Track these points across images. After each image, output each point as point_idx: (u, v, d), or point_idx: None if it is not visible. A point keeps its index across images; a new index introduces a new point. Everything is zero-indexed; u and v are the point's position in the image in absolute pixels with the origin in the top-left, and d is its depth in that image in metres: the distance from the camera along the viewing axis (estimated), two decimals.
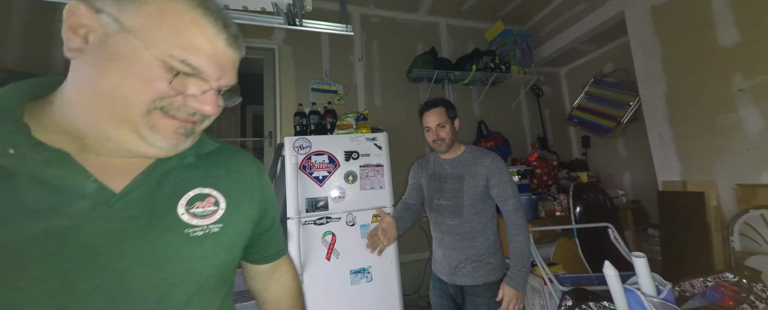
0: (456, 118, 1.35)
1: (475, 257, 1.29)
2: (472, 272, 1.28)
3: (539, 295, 1.90)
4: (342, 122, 2.25)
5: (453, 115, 1.34)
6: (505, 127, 3.35)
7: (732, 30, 1.83)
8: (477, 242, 1.30)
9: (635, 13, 2.37)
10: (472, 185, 1.29)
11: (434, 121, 1.32)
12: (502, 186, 1.26)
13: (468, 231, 1.31)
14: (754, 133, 1.77)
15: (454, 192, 1.33)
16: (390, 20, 3.23)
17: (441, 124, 1.31)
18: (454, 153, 1.37)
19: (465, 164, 1.33)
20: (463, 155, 1.36)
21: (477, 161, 1.31)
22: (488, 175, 1.27)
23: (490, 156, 1.31)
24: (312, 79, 2.89)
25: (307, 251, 1.84)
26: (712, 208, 1.89)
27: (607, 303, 1.22)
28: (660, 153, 2.24)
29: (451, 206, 1.33)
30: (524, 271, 1.20)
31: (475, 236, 1.30)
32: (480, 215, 1.31)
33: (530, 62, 3.23)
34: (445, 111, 1.32)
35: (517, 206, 1.26)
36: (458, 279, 1.31)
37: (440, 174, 1.40)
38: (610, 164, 3.37)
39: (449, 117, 1.32)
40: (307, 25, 1.42)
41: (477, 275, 1.27)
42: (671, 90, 2.16)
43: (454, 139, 1.34)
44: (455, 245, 1.32)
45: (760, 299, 1.21)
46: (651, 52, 2.26)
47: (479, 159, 1.31)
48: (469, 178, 1.30)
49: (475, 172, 1.29)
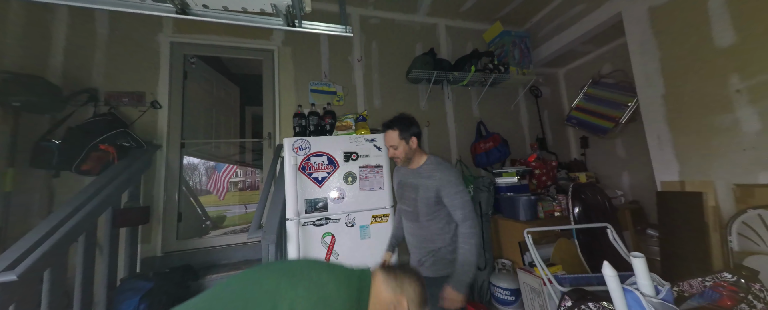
0: (412, 137, 1.44)
1: (434, 253, 1.41)
2: (432, 265, 1.40)
3: (539, 295, 1.90)
4: (341, 123, 2.26)
5: (407, 135, 1.43)
6: (504, 127, 3.36)
7: (729, 31, 1.84)
8: (435, 244, 1.41)
9: (633, 15, 2.39)
10: (423, 196, 1.41)
11: (388, 143, 1.47)
12: (450, 198, 1.35)
13: (425, 234, 1.44)
14: (751, 133, 1.77)
15: (412, 200, 1.46)
16: (389, 21, 3.24)
17: (394, 146, 1.44)
18: (416, 164, 1.49)
19: (421, 176, 1.44)
20: (423, 166, 1.46)
21: (430, 174, 1.41)
22: (437, 188, 1.37)
23: (441, 171, 1.40)
24: (311, 80, 2.89)
25: (307, 252, 1.84)
26: (710, 208, 1.90)
27: (606, 303, 1.22)
28: (658, 153, 2.25)
29: (411, 211, 1.48)
30: (466, 275, 1.29)
31: (433, 239, 1.42)
32: (436, 221, 1.41)
33: (529, 63, 3.24)
34: (397, 134, 1.42)
35: (466, 216, 1.34)
36: (422, 271, 1.42)
37: (404, 182, 1.54)
38: (609, 164, 3.38)
39: (403, 138, 1.43)
40: (306, 27, 1.42)
41: (436, 268, 1.40)
42: (669, 91, 2.17)
43: (410, 155, 1.46)
44: (416, 243, 1.49)
45: (758, 298, 1.22)
46: (649, 53, 2.27)
47: (432, 173, 1.41)
48: (422, 189, 1.41)
49: (427, 184, 1.40)
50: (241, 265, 2.36)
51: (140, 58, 2.50)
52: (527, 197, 2.44)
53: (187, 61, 2.74)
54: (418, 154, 1.48)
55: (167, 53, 2.57)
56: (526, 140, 3.53)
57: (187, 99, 2.69)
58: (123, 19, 2.48)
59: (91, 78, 2.36)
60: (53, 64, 2.28)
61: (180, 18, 1.24)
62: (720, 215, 1.88)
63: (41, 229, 1.44)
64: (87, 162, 2.03)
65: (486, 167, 3.08)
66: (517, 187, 2.59)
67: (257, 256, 2.47)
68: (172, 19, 2.61)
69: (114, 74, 2.41)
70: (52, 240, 1.43)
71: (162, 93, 2.50)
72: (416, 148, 1.46)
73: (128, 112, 2.39)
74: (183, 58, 2.69)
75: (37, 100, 1.98)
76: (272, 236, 1.62)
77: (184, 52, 2.69)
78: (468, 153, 3.21)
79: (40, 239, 1.40)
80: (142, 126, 2.39)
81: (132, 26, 2.51)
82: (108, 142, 2.10)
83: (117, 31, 2.48)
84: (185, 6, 1.21)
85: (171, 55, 2.59)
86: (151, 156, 2.36)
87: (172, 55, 2.60)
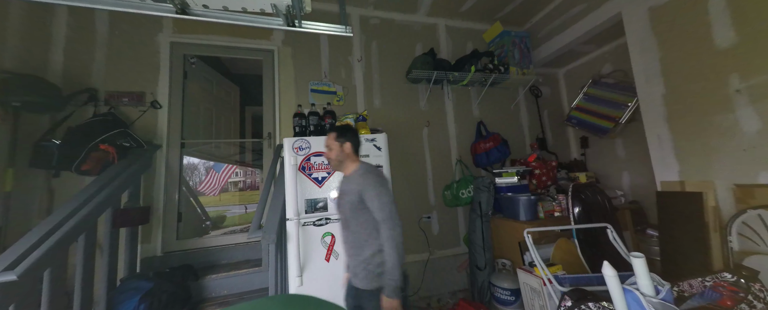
0: (346, 142, 1.51)
1: (365, 264, 1.40)
2: (364, 278, 1.40)
3: (539, 295, 1.90)
4: (341, 123, 2.26)
5: (343, 139, 1.51)
6: (504, 127, 3.36)
7: (729, 31, 1.84)
8: (365, 251, 1.41)
9: (633, 15, 2.39)
10: (348, 200, 1.43)
11: (325, 144, 1.55)
12: (371, 200, 1.37)
13: (354, 241, 1.44)
14: (751, 133, 1.77)
15: (341, 206, 1.51)
16: (389, 21, 3.24)
17: (328, 146, 1.53)
18: (348, 171, 1.52)
19: (350, 181, 1.47)
20: (353, 172, 1.50)
21: (355, 179, 1.45)
22: (360, 191, 1.39)
23: (366, 176, 1.42)
24: (311, 80, 2.89)
25: (307, 252, 1.84)
26: (710, 208, 1.90)
27: (606, 303, 1.22)
28: (658, 153, 2.25)
29: (342, 218, 1.52)
30: (394, 280, 1.30)
31: (362, 246, 1.42)
32: (363, 227, 1.41)
33: (529, 63, 3.24)
34: (334, 136, 1.51)
35: (385, 217, 1.34)
36: (355, 281, 1.44)
37: (340, 189, 1.57)
38: (609, 164, 3.38)
39: (337, 140, 1.50)
40: (306, 27, 1.42)
41: (366, 282, 1.39)
42: (669, 91, 2.17)
43: (341, 158, 1.51)
44: (349, 252, 1.49)
45: (758, 298, 1.22)
46: (649, 53, 2.27)
47: (357, 177, 1.44)
48: (348, 194, 1.45)
49: (351, 189, 1.44)
50: (242, 265, 2.36)
51: (140, 58, 2.50)
52: (527, 197, 2.44)
53: (187, 61, 2.74)
54: (351, 161, 1.52)
55: (167, 53, 2.57)
56: (526, 140, 3.53)
57: (187, 99, 2.69)
58: (123, 19, 2.48)
59: (91, 78, 2.36)
60: (53, 64, 2.28)
61: (180, 18, 1.24)
62: (720, 215, 1.88)
63: (41, 229, 1.44)
64: (87, 162, 2.03)
65: (486, 167, 3.08)
66: (517, 187, 2.59)
67: (257, 256, 2.47)
68: (172, 19, 2.61)
69: (114, 74, 2.42)
70: (52, 240, 1.43)
71: (162, 93, 2.50)
72: (349, 154, 1.51)
73: (128, 112, 2.39)
74: (183, 58, 2.69)
75: (37, 100, 1.98)
76: (272, 236, 1.63)
77: (184, 52, 2.69)
78: (468, 153, 3.21)
79: (40, 239, 1.40)
80: (142, 126, 2.39)
81: (132, 26, 2.51)
82: (108, 142, 2.10)
83: (117, 31, 2.48)
84: (185, 6, 1.21)
85: (171, 55, 2.59)
86: (151, 156, 2.36)
87: (172, 55, 2.60)
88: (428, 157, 3.11)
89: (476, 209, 2.65)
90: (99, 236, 1.82)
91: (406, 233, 2.50)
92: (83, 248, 1.67)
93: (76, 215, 1.61)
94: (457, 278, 2.92)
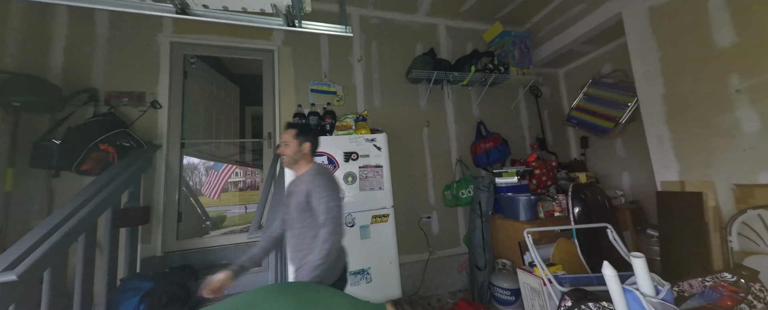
0: (306, 142, 1.48)
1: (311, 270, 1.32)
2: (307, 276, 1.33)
3: (539, 295, 1.90)
4: (341, 123, 2.26)
5: (302, 139, 1.47)
6: (504, 127, 3.36)
7: (729, 31, 1.84)
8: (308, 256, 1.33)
9: (633, 15, 2.39)
10: (296, 201, 1.40)
11: (283, 139, 1.50)
12: (317, 202, 1.34)
13: (298, 243, 1.39)
14: (751, 133, 1.77)
15: (288, 207, 1.47)
16: (389, 21, 3.24)
17: (285, 142, 1.47)
18: (300, 171, 1.49)
19: (301, 182, 1.44)
20: (305, 173, 1.46)
21: (305, 179, 1.42)
22: (308, 192, 1.36)
23: (316, 176, 1.39)
24: (311, 80, 2.89)
25: None
26: (710, 208, 1.90)
27: (606, 303, 1.22)
28: (658, 153, 2.25)
29: (288, 219, 1.48)
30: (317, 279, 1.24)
31: (304, 248, 1.37)
32: (308, 229, 1.37)
33: (529, 63, 3.24)
34: (294, 133, 1.47)
35: (325, 221, 1.31)
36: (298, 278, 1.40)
37: (288, 189, 1.54)
38: (609, 164, 3.38)
39: (296, 138, 1.46)
40: (306, 27, 1.42)
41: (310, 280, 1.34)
42: (669, 91, 2.17)
43: (297, 157, 1.47)
44: (292, 255, 1.44)
45: (758, 298, 1.22)
46: (649, 53, 2.27)
47: (309, 178, 1.41)
48: (296, 194, 1.42)
49: (300, 189, 1.40)
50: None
51: (140, 58, 2.50)
52: (527, 197, 2.44)
53: (187, 61, 2.74)
54: (306, 161, 1.49)
55: (167, 53, 2.57)
56: (526, 140, 3.53)
57: (187, 99, 2.69)
58: (123, 19, 2.48)
59: (91, 78, 2.36)
60: (53, 64, 2.28)
61: (180, 18, 1.24)
62: (720, 215, 1.88)
63: (41, 229, 1.44)
64: (87, 162, 2.03)
65: (486, 167, 3.08)
66: (517, 187, 2.59)
67: None
68: (172, 19, 2.61)
69: (114, 74, 2.41)
70: (52, 240, 1.43)
71: (162, 93, 2.50)
72: (306, 154, 1.48)
73: (128, 112, 2.39)
74: (183, 58, 2.69)
75: (37, 100, 1.98)
76: None
77: (184, 52, 2.69)
78: (468, 153, 3.21)
79: (40, 239, 1.40)
80: (142, 126, 2.39)
81: (132, 26, 2.51)
82: (108, 142, 2.10)
83: (117, 31, 2.48)
84: (185, 6, 1.21)
85: (171, 55, 2.59)
86: (151, 156, 2.36)
87: (172, 55, 2.60)
88: (428, 157, 3.11)
89: (476, 209, 2.65)
90: (99, 236, 1.82)
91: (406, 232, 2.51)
92: (83, 248, 1.67)
93: (76, 215, 1.61)
94: (457, 278, 2.92)
